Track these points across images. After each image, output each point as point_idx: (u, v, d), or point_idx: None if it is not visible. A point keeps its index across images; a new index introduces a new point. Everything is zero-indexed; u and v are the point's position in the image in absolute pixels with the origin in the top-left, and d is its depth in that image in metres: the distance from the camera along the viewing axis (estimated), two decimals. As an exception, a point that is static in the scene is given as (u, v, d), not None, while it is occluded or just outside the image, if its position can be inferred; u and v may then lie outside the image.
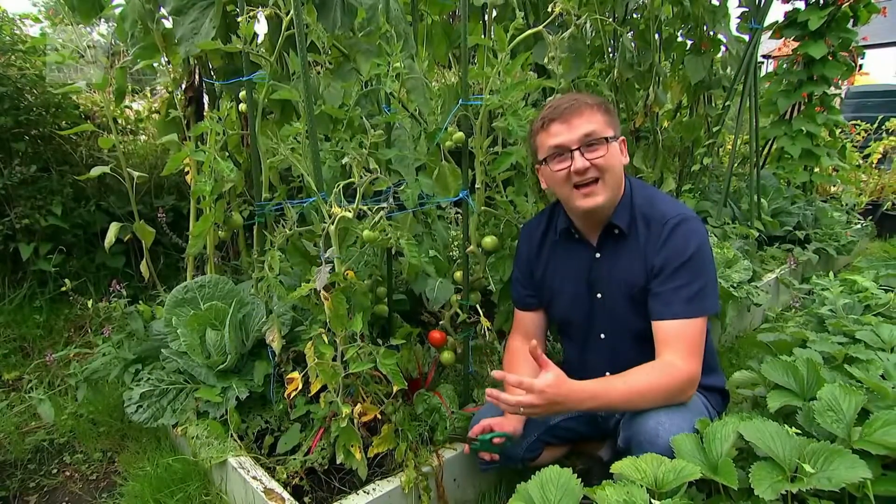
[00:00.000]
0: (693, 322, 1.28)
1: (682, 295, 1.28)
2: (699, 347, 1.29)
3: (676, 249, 1.30)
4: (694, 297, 1.28)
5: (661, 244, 1.31)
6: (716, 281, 1.34)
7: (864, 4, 3.67)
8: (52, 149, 2.74)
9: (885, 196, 4.86)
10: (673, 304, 1.29)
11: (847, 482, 0.97)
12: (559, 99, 1.37)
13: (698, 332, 1.29)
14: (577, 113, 1.30)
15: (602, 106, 1.34)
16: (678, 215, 1.32)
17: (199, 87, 2.00)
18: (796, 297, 2.70)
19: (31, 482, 1.78)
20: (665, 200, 1.39)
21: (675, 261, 1.29)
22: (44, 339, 2.54)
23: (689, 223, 1.32)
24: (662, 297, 1.31)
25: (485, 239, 1.67)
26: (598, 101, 1.35)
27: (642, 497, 0.96)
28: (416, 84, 1.54)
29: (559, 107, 1.32)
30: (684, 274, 1.29)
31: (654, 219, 1.34)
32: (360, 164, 1.41)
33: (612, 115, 1.35)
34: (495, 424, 1.41)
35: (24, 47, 2.67)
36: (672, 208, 1.35)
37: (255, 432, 1.62)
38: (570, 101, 1.33)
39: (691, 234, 1.31)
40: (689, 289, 1.28)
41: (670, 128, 3.46)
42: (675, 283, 1.29)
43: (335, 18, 1.56)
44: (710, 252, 1.34)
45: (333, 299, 1.35)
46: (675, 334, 1.28)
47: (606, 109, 1.34)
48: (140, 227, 2.00)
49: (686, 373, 1.25)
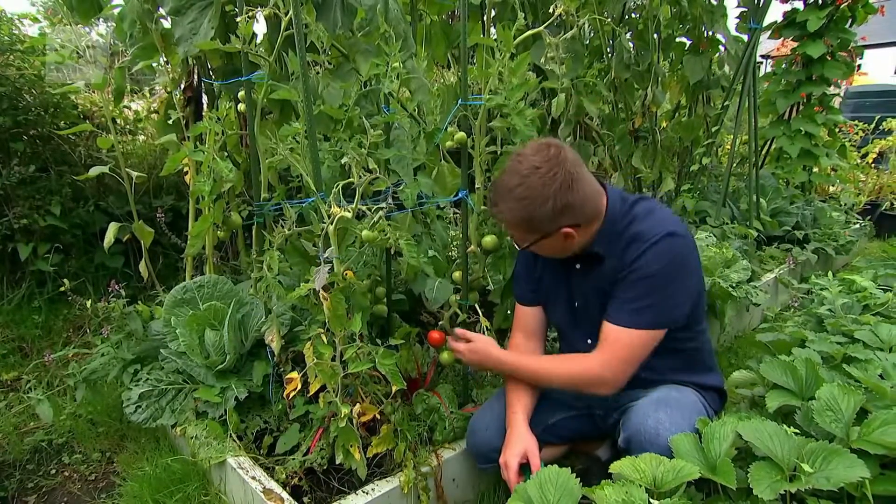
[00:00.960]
0: (631, 333, 1.30)
1: (633, 305, 1.31)
2: (629, 357, 1.32)
3: (643, 263, 1.30)
4: (640, 310, 1.30)
5: (635, 258, 1.31)
6: (675, 299, 1.32)
7: (862, 4, 3.68)
8: (51, 149, 2.73)
9: (884, 196, 4.86)
10: (621, 311, 1.32)
11: (845, 482, 0.97)
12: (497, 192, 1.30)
13: (635, 343, 1.31)
14: (501, 222, 1.36)
15: (523, 219, 1.28)
16: (657, 233, 1.30)
17: (198, 88, 2.00)
18: (795, 296, 2.70)
19: (29, 483, 1.78)
20: (647, 217, 1.34)
21: (637, 273, 1.30)
22: (42, 339, 2.53)
23: (668, 240, 1.29)
24: (615, 302, 1.34)
25: (485, 238, 1.67)
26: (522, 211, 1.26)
27: (641, 497, 0.96)
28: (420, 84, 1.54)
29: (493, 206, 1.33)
30: (641, 287, 1.30)
31: (632, 238, 1.33)
32: (359, 164, 1.41)
33: (537, 220, 1.27)
34: (522, 460, 1.36)
35: (22, 47, 2.66)
36: (652, 225, 1.32)
37: (254, 432, 1.62)
38: (497, 211, 1.31)
39: (665, 251, 1.29)
40: (641, 302, 1.30)
41: (669, 128, 3.47)
42: (630, 293, 1.31)
43: (335, 18, 1.56)
44: (684, 269, 1.32)
45: (332, 299, 1.35)
46: (611, 338, 1.33)
47: (528, 220, 1.27)
48: (139, 228, 2.00)
49: (597, 374, 1.33)
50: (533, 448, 1.36)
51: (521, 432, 1.39)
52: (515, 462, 1.34)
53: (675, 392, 1.34)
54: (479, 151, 1.59)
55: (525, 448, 1.35)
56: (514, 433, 1.39)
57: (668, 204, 3.34)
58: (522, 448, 1.35)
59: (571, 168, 1.25)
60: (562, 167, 1.24)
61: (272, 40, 1.61)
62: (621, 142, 3.00)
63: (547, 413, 1.52)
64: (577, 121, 2.65)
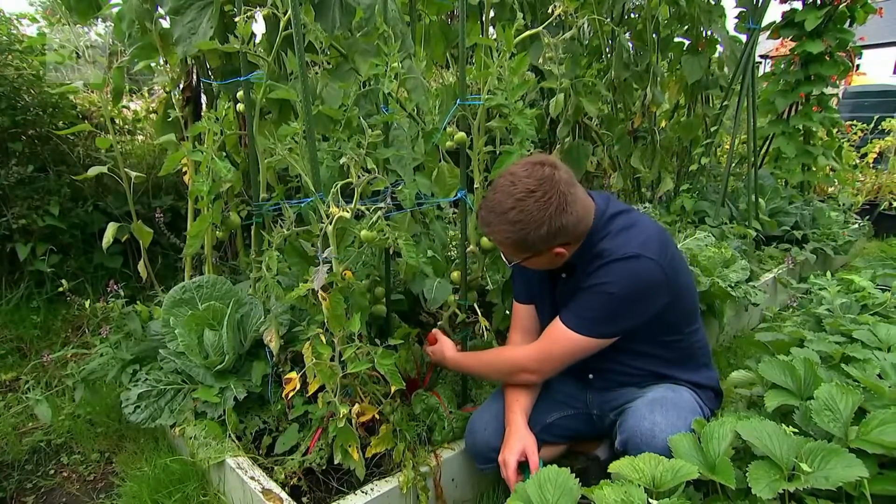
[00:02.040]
0: (568, 333, 1.33)
1: (582, 312, 1.34)
2: (561, 356, 1.38)
3: (600, 279, 1.30)
4: (584, 317, 1.33)
5: (593, 271, 1.32)
6: (625, 318, 1.32)
7: (860, 5, 3.68)
8: (50, 149, 2.73)
9: (883, 196, 4.87)
10: (570, 310, 1.36)
11: (844, 481, 0.97)
12: (490, 211, 1.28)
13: (573, 346, 1.34)
14: (491, 237, 1.35)
15: (513, 239, 1.27)
16: (620, 254, 1.29)
17: (197, 87, 1.99)
18: (794, 296, 2.71)
19: (28, 483, 1.78)
20: (620, 234, 1.33)
21: (594, 287, 1.31)
22: (41, 339, 2.53)
23: (629, 263, 1.28)
24: (570, 304, 1.37)
25: (483, 238, 1.67)
26: (513, 233, 1.25)
27: (640, 497, 0.97)
28: (417, 84, 1.54)
29: (483, 221, 1.31)
30: (591, 298, 1.32)
31: (599, 254, 1.33)
32: (357, 164, 1.41)
33: (524, 245, 1.27)
34: (520, 458, 1.37)
35: (20, 47, 2.66)
36: (619, 246, 1.30)
37: (253, 433, 1.61)
38: (486, 226, 1.30)
39: (621, 272, 1.28)
40: (590, 312, 1.33)
41: (668, 128, 3.47)
42: (581, 300, 1.34)
43: (334, 18, 1.56)
44: (641, 292, 1.29)
45: (331, 299, 1.35)
46: (554, 334, 1.38)
47: (519, 241, 1.26)
48: (138, 228, 2.00)
49: (524, 366, 1.43)
50: (531, 446, 1.36)
51: (519, 431, 1.39)
52: (514, 460, 1.34)
53: (670, 392, 1.35)
54: (477, 151, 1.59)
55: (523, 446, 1.36)
56: (512, 432, 1.40)
57: (667, 204, 3.35)
58: (521, 446, 1.36)
59: (565, 189, 1.24)
60: (556, 189, 1.23)
61: (271, 40, 1.60)
62: (620, 142, 3.01)
63: (545, 412, 1.53)
64: (575, 121, 2.65)
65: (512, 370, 1.46)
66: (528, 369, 1.43)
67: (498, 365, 1.51)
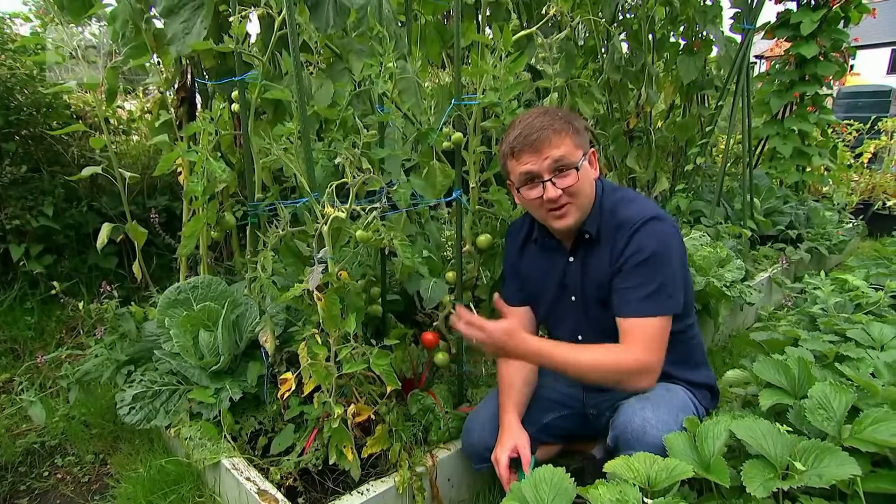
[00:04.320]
0: (649, 320, 1.31)
1: (640, 293, 1.30)
2: (658, 341, 1.31)
3: (635, 249, 1.31)
4: (650, 296, 1.30)
5: (624, 245, 1.33)
6: (676, 280, 1.33)
7: (854, 5, 3.70)
8: (43, 149, 2.72)
9: (876, 196, 4.90)
10: (630, 301, 1.32)
11: (837, 479, 0.97)
12: (527, 122, 1.31)
13: (657, 328, 1.30)
14: (546, 142, 1.29)
15: (569, 128, 1.31)
16: (642, 217, 1.32)
17: (192, 87, 1.99)
18: (789, 296, 2.72)
19: (21, 485, 1.77)
20: (631, 203, 1.37)
21: (633, 260, 1.31)
22: (35, 340, 2.52)
23: (653, 223, 1.31)
24: (621, 295, 1.33)
25: (479, 238, 1.67)
26: (565, 122, 1.32)
27: (635, 496, 0.97)
28: (409, 85, 1.54)
29: (528, 136, 1.30)
30: (641, 272, 1.30)
31: (620, 224, 1.34)
32: (352, 164, 1.40)
33: (580, 132, 1.33)
34: (512, 454, 1.36)
35: (13, 46, 2.65)
36: (637, 211, 1.34)
37: (248, 433, 1.61)
38: (538, 129, 1.29)
39: (652, 234, 1.31)
40: (646, 288, 1.30)
41: (663, 128, 3.48)
42: (631, 281, 1.31)
43: (328, 18, 1.56)
44: (674, 251, 1.33)
45: (327, 300, 1.34)
46: (632, 330, 1.32)
47: (574, 130, 1.32)
48: (132, 228, 1.99)
49: (635, 361, 1.29)
50: (523, 442, 1.37)
51: (512, 429, 1.40)
52: (505, 457, 1.35)
53: (663, 390, 1.35)
54: (472, 151, 1.59)
55: (515, 443, 1.37)
56: (504, 430, 1.41)
57: (662, 204, 3.36)
58: (512, 443, 1.37)
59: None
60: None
61: (265, 40, 1.60)
62: (616, 142, 3.01)
63: (541, 413, 1.53)
64: (571, 121, 2.65)
65: (632, 371, 1.29)
66: (648, 366, 1.29)
67: (607, 364, 1.30)
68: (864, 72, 14.18)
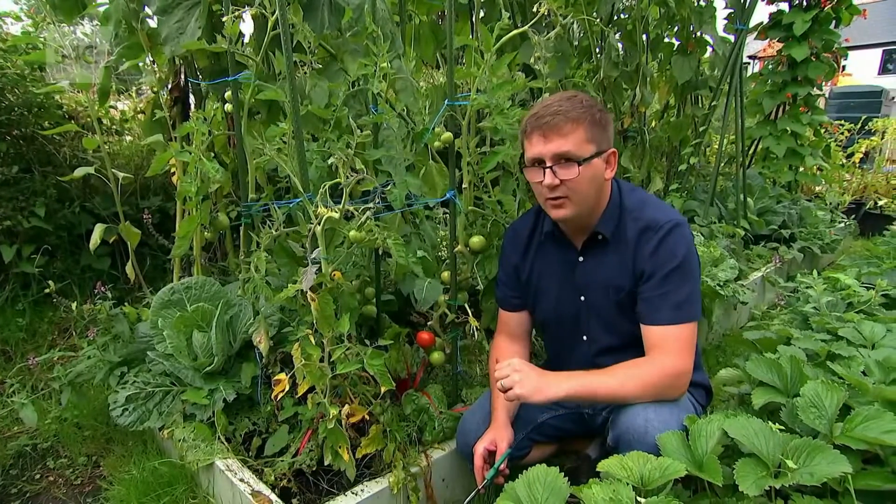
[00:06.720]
0: (681, 327, 1.30)
1: (671, 301, 1.29)
2: (691, 348, 1.30)
3: (667, 255, 1.30)
4: (682, 304, 1.29)
5: (653, 250, 1.31)
6: (699, 285, 1.36)
7: (845, 6, 3.73)
8: (35, 149, 2.70)
9: (868, 195, 4.94)
10: (661, 309, 1.30)
11: (829, 477, 0.98)
12: (547, 104, 1.30)
13: (687, 335, 1.30)
14: (557, 129, 1.26)
15: (587, 118, 1.27)
16: (669, 221, 1.31)
17: (185, 87, 1.98)
18: (781, 295, 2.74)
19: (13, 488, 1.75)
20: (656, 205, 1.38)
21: (665, 267, 1.30)
22: (27, 342, 2.50)
23: (680, 229, 1.32)
24: (652, 303, 1.32)
25: (472, 238, 1.67)
26: (586, 111, 1.27)
27: (628, 495, 0.97)
28: (406, 84, 1.54)
29: (541, 118, 1.28)
30: (673, 280, 1.30)
31: (646, 225, 1.33)
32: (346, 165, 1.40)
33: (600, 126, 1.29)
34: (489, 446, 1.39)
35: (4, 46, 2.63)
36: (664, 214, 1.34)
37: (242, 434, 1.60)
38: (553, 113, 1.26)
39: (681, 239, 1.31)
40: (678, 294, 1.29)
41: (658, 128, 3.50)
42: (664, 288, 1.30)
43: (322, 18, 1.56)
44: (696, 258, 1.35)
45: (320, 300, 1.34)
46: (664, 338, 1.30)
47: (593, 122, 1.27)
48: (125, 229, 1.98)
49: (674, 367, 1.27)
50: (501, 436, 1.40)
51: (497, 425, 1.43)
52: (482, 448, 1.38)
53: None
54: (467, 151, 1.59)
55: (494, 436, 1.40)
56: (490, 426, 1.44)
57: (656, 203, 3.37)
58: (492, 436, 1.40)
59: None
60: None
61: (259, 40, 1.60)
62: (610, 142, 3.02)
63: (536, 412, 1.53)
64: (565, 121, 2.65)
65: (672, 380, 1.27)
66: (683, 371, 1.28)
67: (649, 379, 1.26)
68: (856, 72, 14.28)
